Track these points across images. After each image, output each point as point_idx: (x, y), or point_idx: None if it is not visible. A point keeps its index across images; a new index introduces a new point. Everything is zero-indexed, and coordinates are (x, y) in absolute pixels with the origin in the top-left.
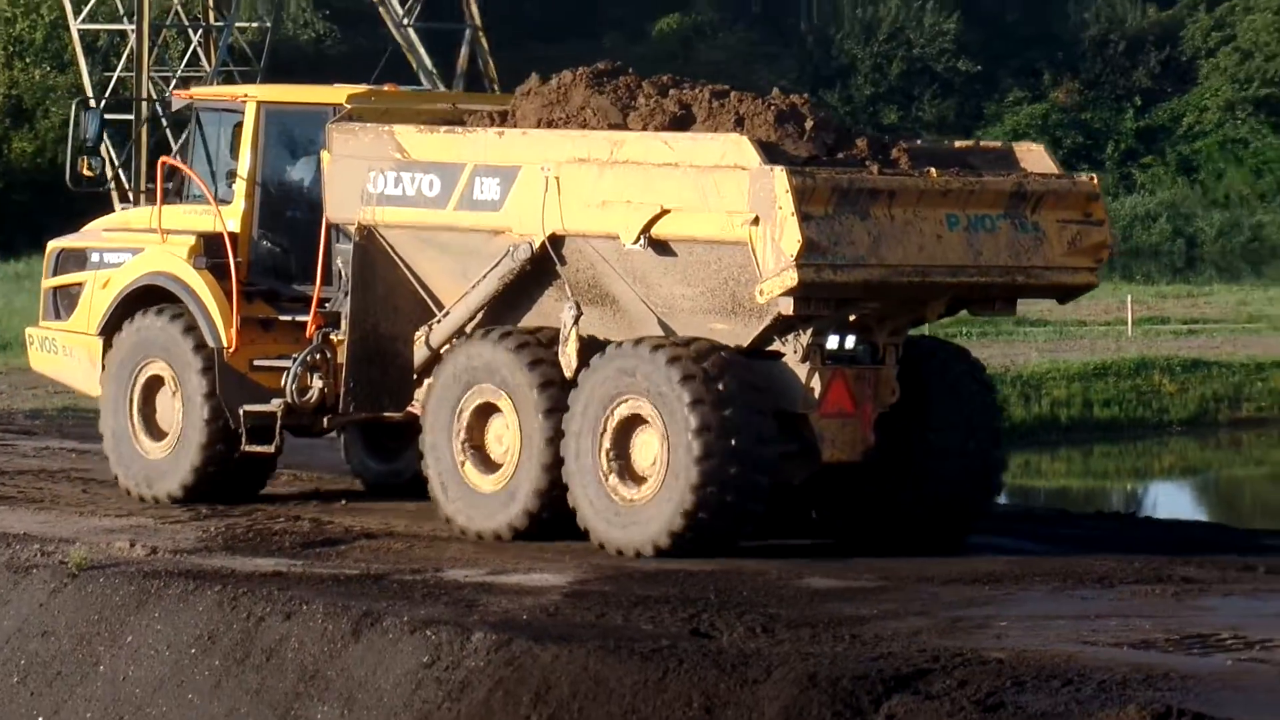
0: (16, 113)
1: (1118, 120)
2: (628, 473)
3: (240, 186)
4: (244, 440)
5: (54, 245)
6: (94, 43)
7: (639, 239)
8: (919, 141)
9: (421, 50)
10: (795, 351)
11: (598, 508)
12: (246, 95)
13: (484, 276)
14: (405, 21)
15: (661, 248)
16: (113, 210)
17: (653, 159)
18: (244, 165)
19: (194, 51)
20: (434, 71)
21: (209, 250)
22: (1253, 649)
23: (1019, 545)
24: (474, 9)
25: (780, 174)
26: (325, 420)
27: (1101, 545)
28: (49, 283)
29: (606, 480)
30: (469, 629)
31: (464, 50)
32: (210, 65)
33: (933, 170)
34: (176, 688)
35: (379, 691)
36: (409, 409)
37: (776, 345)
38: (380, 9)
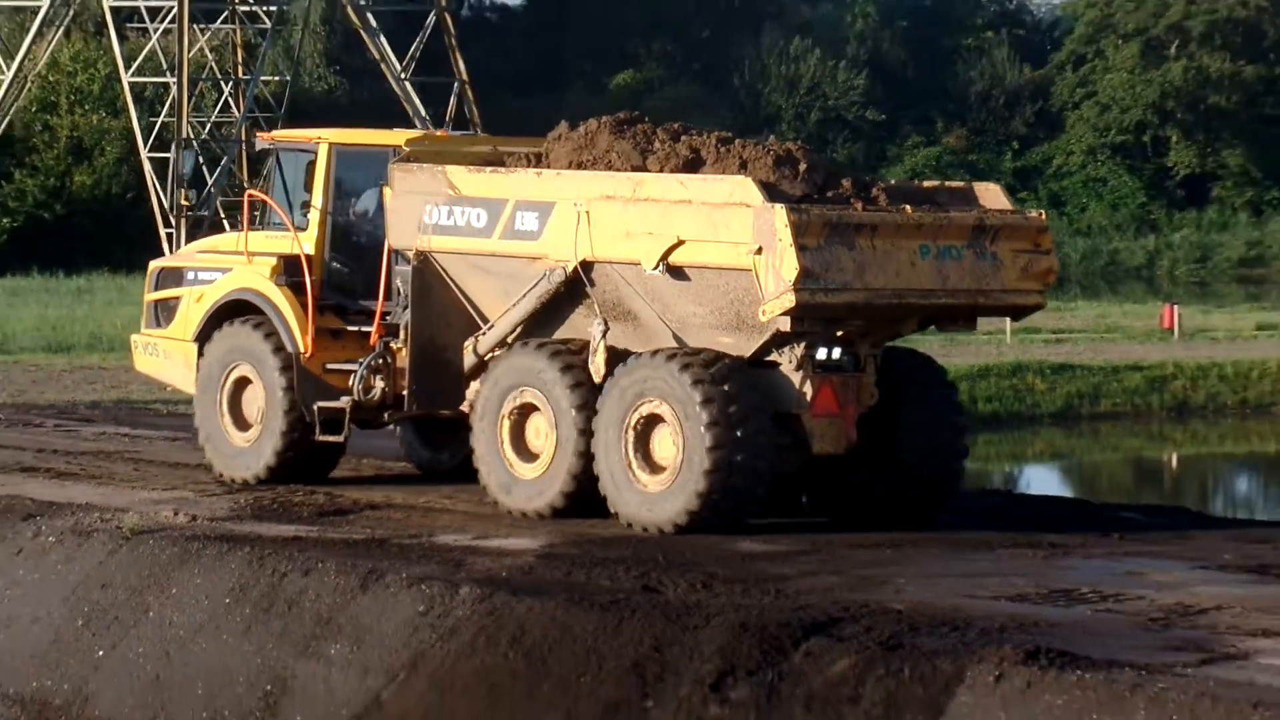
0: (77, 151)
1: (998, 161)
2: (649, 463)
3: (314, 216)
4: (317, 431)
5: (155, 265)
6: (142, 92)
7: (658, 265)
8: (893, 181)
9: (416, 100)
10: (790, 361)
11: (623, 491)
12: (320, 138)
13: (524, 296)
14: (403, 75)
15: (677, 273)
16: (159, 236)
17: (669, 196)
18: (317, 197)
19: (225, 100)
20: (427, 118)
21: (288, 270)
22: (1107, 601)
23: None
24: (461, 65)
25: (780, 210)
26: (386, 415)
27: (984, 517)
28: (150, 296)
29: (631, 468)
30: (457, 584)
31: (453, 100)
32: (239, 112)
33: (908, 207)
34: (214, 630)
35: (382, 635)
36: (460, 408)
37: (774, 356)
38: (382, 65)
